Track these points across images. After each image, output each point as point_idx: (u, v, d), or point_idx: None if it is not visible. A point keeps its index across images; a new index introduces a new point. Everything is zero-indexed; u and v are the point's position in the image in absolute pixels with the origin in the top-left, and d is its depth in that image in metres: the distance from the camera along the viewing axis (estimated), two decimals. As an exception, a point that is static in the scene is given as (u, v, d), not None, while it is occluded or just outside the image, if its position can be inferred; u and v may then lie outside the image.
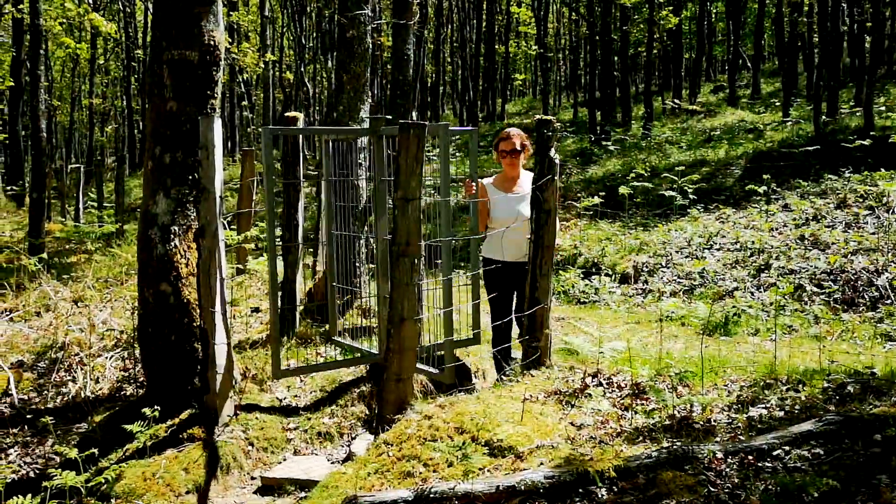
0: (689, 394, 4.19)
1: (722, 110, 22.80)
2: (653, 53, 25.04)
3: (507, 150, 5.32)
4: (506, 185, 5.41)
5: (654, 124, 21.14)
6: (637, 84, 37.13)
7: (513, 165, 5.35)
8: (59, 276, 8.40)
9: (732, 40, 26.48)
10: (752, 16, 33.13)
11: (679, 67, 27.50)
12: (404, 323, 4.46)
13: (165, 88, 4.72)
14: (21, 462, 4.52)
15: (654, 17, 22.32)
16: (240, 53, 18.24)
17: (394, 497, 3.32)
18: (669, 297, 7.93)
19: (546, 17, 36.58)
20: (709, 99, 26.76)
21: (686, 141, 17.76)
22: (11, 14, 16.70)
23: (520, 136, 5.35)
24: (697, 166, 13.81)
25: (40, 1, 13.89)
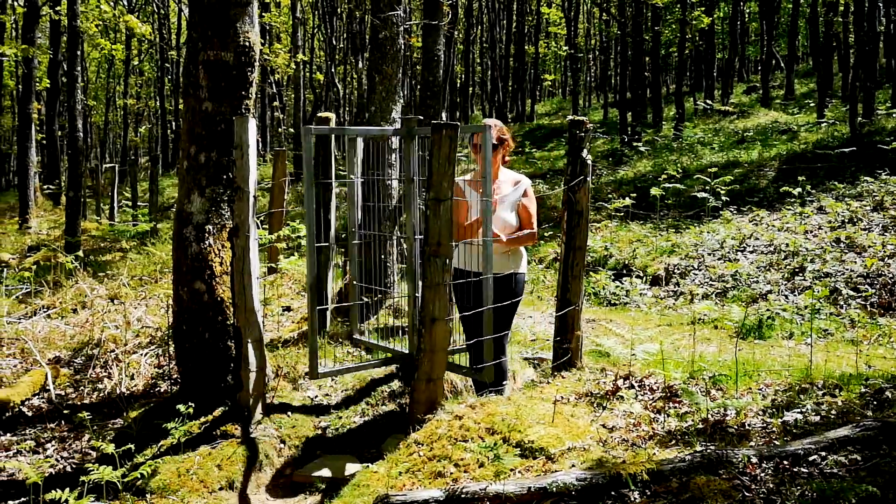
0: (723, 397, 4.15)
1: (755, 111, 22.54)
2: (684, 54, 24.82)
3: (482, 143, 4.62)
4: (477, 185, 4.75)
5: (685, 125, 20.96)
6: (668, 84, 36.84)
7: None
8: (94, 273, 8.54)
9: (766, 40, 26.17)
10: (786, 15, 32.71)
11: (711, 68, 27.24)
12: (435, 323, 4.47)
13: (201, 89, 4.78)
14: (58, 457, 4.60)
15: (687, 17, 22.13)
16: (271, 54, 18.41)
17: (425, 496, 3.33)
18: (702, 299, 7.86)
19: (576, 18, 36.45)
20: (741, 100, 26.47)
21: (718, 142, 17.58)
22: (49, 16, 16.99)
23: (497, 129, 4.72)
24: (730, 168, 13.66)
25: (78, 3, 14.12)
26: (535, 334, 6.67)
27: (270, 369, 5.26)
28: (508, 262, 4.78)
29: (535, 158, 21.50)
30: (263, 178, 12.81)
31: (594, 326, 6.82)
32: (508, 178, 4.87)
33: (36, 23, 17.68)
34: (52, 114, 19.18)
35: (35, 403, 5.32)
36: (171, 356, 5.74)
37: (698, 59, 30.16)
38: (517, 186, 4.81)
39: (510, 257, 4.79)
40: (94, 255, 11.68)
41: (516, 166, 19.70)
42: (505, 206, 4.74)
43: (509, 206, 4.74)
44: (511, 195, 4.77)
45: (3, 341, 6.32)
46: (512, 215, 4.72)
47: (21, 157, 18.95)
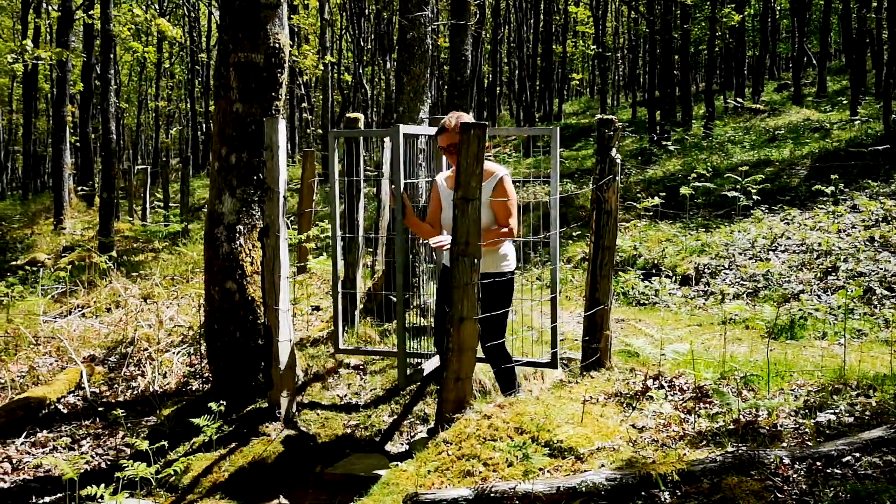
0: (755, 398, 4.11)
1: (786, 109, 22.26)
2: (714, 51, 24.60)
3: (443, 145, 4.49)
4: (453, 182, 4.48)
5: (715, 123, 20.75)
6: (698, 83, 36.50)
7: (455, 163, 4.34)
8: (128, 273, 8.67)
9: (797, 37, 25.84)
10: (817, 12, 32.25)
11: (742, 65, 26.94)
12: (464, 322, 4.48)
13: (232, 90, 4.83)
14: (93, 453, 4.67)
15: (716, 15, 21.92)
16: (300, 56, 18.55)
17: (454, 495, 3.34)
18: (733, 299, 7.78)
19: (604, 16, 36.25)
20: (773, 97, 26.16)
21: (749, 140, 17.39)
22: (83, 20, 17.26)
23: (457, 126, 4.39)
24: (761, 166, 13.51)
25: (111, 7, 14.33)
26: (564, 334, 6.65)
27: (300, 368, 5.31)
28: (485, 261, 4.42)
29: (563, 158, 21.42)
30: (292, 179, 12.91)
31: (623, 326, 6.79)
32: (486, 171, 4.44)
33: (70, 27, 17.97)
34: (85, 116, 19.47)
35: (71, 401, 5.41)
36: (202, 355, 5.81)
37: (728, 57, 29.86)
38: (490, 180, 4.44)
39: (487, 257, 4.45)
40: (127, 256, 11.85)
41: (545, 166, 19.65)
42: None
43: (484, 202, 4.37)
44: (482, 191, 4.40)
45: (39, 340, 6.45)
46: (483, 212, 4.30)
47: (55, 160, 19.27)
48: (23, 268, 10.15)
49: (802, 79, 26.11)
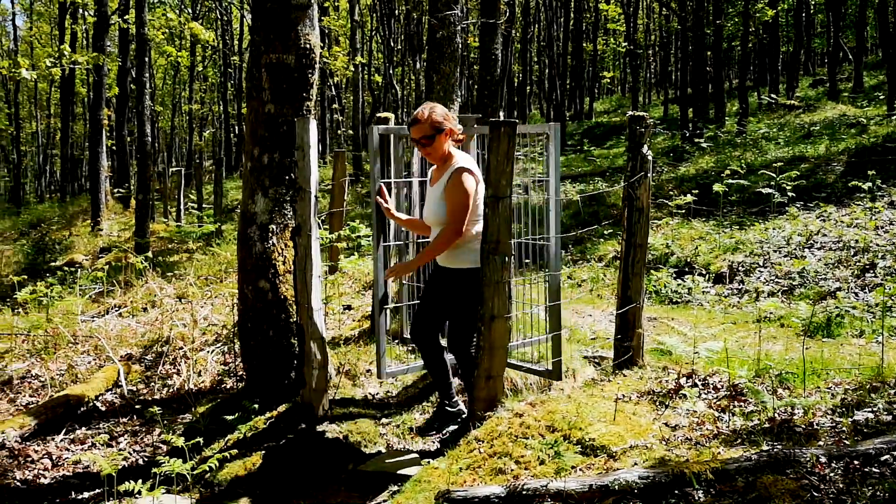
0: (790, 396, 4.06)
1: (822, 105, 21.91)
2: (747, 47, 24.29)
3: (416, 137, 4.29)
4: (434, 173, 4.50)
5: (749, 120, 20.50)
6: (731, 79, 36.08)
7: (427, 154, 4.36)
8: (163, 273, 8.80)
9: (832, 32, 25.42)
10: (853, 6, 31.68)
11: (775, 61, 26.57)
12: (495, 321, 4.48)
13: (264, 91, 4.88)
14: (131, 450, 4.76)
15: (750, 10, 21.64)
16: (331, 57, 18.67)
17: (486, 493, 3.34)
18: (767, 297, 7.68)
19: (635, 13, 36.00)
20: (807, 93, 25.76)
21: (784, 137, 17.15)
22: (118, 25, 17.55)
23: (429, 119, 4.24)
24: (796, 163, 13.31)
25: (145, 12, 14.55)
26: (595, 333, 6.62)
27: (332, 366, 5.34)
28: (453, 254, 4.35)
29: (593, 156, 21.31)
30: (323, 180, 13.00)
31: (655, 325, 6.73)
32: (450, 165, 4.34)
33: (106, 32, 18.27)
34: (121, 119, 19.80)
35: (108, 398, 5.51)
36: (236, 353, 5.88)
37: (762, 53, 29.48)
38: (447, 172, 4.30)
39: (453, 249, 4.35)
40: (162, 256, 12.02)
41: (575, 164, 19.57)
42: (435, 195, 4.34)
43: (438, 196, 4.30)
44: (439, 183, 4.32)
45: (78, 339, 6.56)
46: (442, 206, 4.26)
47: (92, 162, 19.60)
48: (61, 268, 10.34)
49: (838, 74, 25.67)
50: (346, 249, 9.22)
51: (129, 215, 19.48)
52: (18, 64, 11.29)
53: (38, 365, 6.07)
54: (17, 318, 7.33)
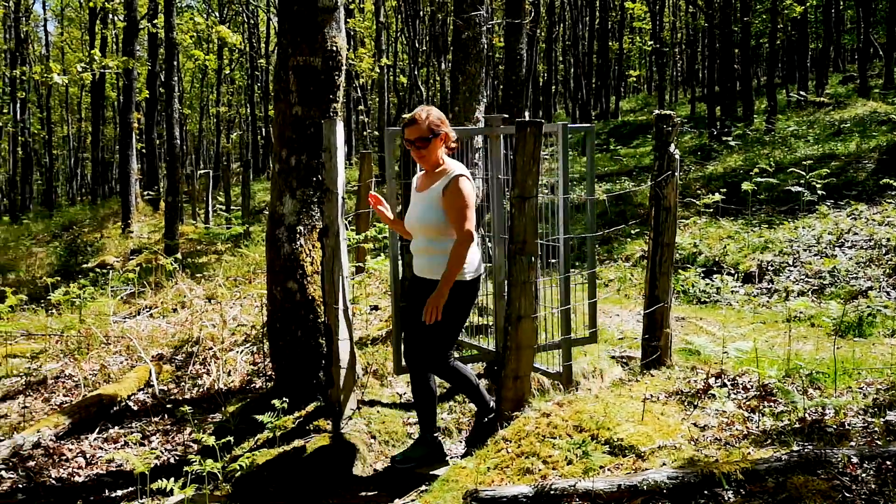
0: (821, 396, 4.02)
1: (852, 102, 21.60)
2: (776, 44, 24.01)
3: (411, 138, 4.12)
4: (423, 180, 4.32)
5: (777, 118, 20.26)
6: (759, 77, 35.68)
7: (420, 158, 4.19)
8: (192, 275, 8.90)
9: (862, 28, 25.02)
10: (883, 1, 31.19)
11: (804, 58, 26.24)
12: (522, 321, 4.49)
13: (291, 94, 4.93)
14: (163, 449, 4.82)
15: (778, 7, 21.39)
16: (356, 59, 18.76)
17: (514, 492, 3.35)
18: (797, 296, 7.60)
19: (661, 11, 35.72)
20: (837, 90, 25.40)
21: (813, 135, 16.93)
22: (147, 29, 17.78)
23: (427, 120, 4.12)
24: (826, 161, 13.14)
25: (174, 16, 14.72)
26: (623, 332, 6.59)
27: (360, 366, 5.38)
28: (439, 264, 4.15)
29: (620, 156, 21.20)
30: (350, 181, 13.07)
31: (683, 325, 6.69)
32: (444, 171, 4.22)
33: (135, 36, 18.53)
34: (150, 123, 20.04)
35: (140, 398, 5.59)
36: (265, 353, 5.94)
37: (790, 50, 29.11)
38: (444, 178, 4.16)
39: (440, 259, 4.15)
40: (191, 258, 12.16)
41: (601, 164, 19.48)
42: (426, 201, 4.17)
43: (429, 203, 4.14)
44: (433, 189, 4.16)
45: (110, 339, 6.67)
46: (433, 213, 4.11)
47: (123, 165, 19.89)
48: (93, 270, 10.51)
49: (868, 70, 25.26)
50: (372, 250, 9.27)
51: (159, 217, 19.73)
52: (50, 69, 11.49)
53: (72, 365, 6.18)
54: (51, 319, 7.47)
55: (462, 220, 4.07)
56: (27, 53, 31.58)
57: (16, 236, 20.20)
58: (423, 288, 4.25)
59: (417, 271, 4.32)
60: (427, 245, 4.21)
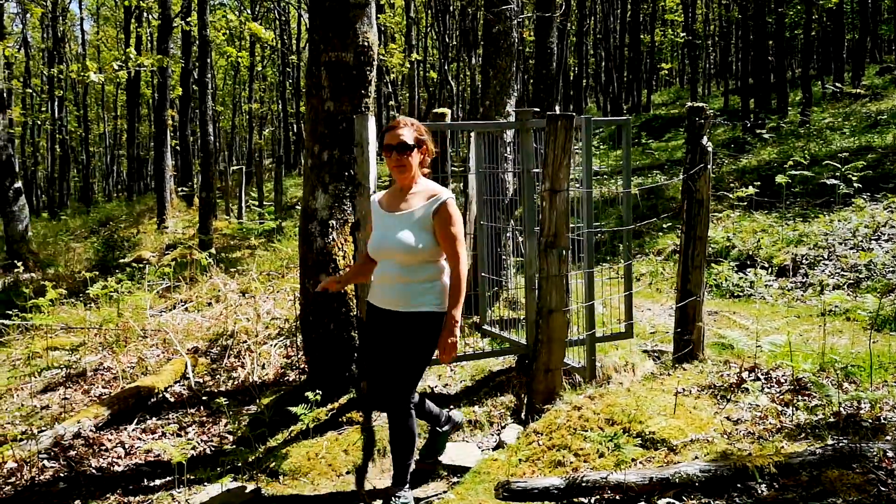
0: (856, 390, 3.98)
1: (889, 93, 21.20)
2: (811, 35, 23.61)
3: (393, 143, 3.65)
4: (392, 199, 3.79)
5: (813, 110, 19.95)
6: (793, 68, 35.14)
7: (401, 168, 3.68)
8: (226, 269, 9.01)
9: (902, 17, 24.51)
10: (924, -11, 30.54)
11: (840, 49, 25.78)
12: (553, 314, 4.50)
13: (323, 89, 4.97)
14: (199, 440, 4.90)
15: (813, -3, 21.05)
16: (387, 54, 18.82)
17: (545, 484, 3.37)
18: (832, 290, 7.50)
19: (694, 3, 35.28)
20: (874, 81, 24.92)
21: (849, 127, 16.65)
22: (180, 27, 18.00)
23: (414, 127, 3.73)
24: (862, 153, 12.91)
25: (207, 14, 14.88)
26: (655, 327, 6.56)
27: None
28: (413, 294, 3.68)
29: (651, 149, 21.02)
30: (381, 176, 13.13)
31: (716, 319, 6.64)
32: (424, 189, 3.75)
33: (169, 34, 18.77)
34: (184, 120, 20.30)
35: (177, 390, 5.69)
36: (298, 347, 6.01)
37: (826, 41, 28.62)
38: (431, 201, 3.67)
39: (416, 288, 3.68)
40: (225, 252, 12.31)
41: (633, 157, 19.32)
42: (407, 224, 3.65)
43: (415, 226, 3.64)
44: (418, 211, 3.66)
45: (147, 333, 6.79)
46: (420, 236, 3.61)
47: (157, 162, 20.16)
48: (130, 265, 10.69)
49: (907, 60, 24.77)
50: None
51: (193, 213, 19.98)
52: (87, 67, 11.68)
53: (110, 357, 6.30)
54: (90, 313, 7.62)
55: (460, 246, 3.67)
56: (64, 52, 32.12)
57: (54, 232, 20.58)
58: (389, 321, 3.73)
59: (383, 303, 3.75)
60: (401, 273, 3.65)
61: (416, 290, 3.66)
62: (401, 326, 3.69)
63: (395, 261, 3.65)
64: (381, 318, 3.77)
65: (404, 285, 3.66)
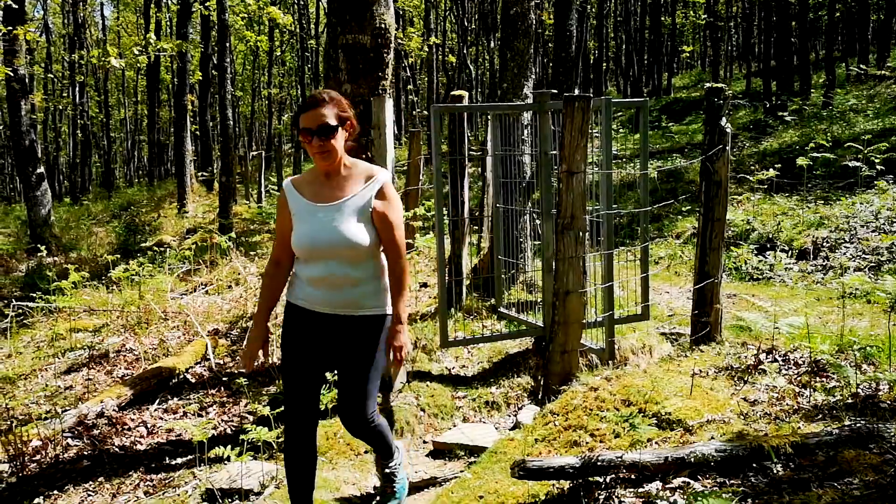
0: (875, 372, 3.96)
1: (916, 74, 20.87)
2: (835, 16, 23.27)
3: (313, 127, 3.02)
4: (318, 187, 3.14)
5: (836, 92, 19.69)
6: (817, 50, 34.67)
7: (324, 153, 3.05)
8: (246, 253, 9.09)
9: (929, -3, 24.10)
10: (952, -32, 29.93)
11: (865, 30, 25.39)
12: (569, 296, 4.50)
13: (340, 72, 4.99)
14: (219, 419, 4.97)
15: (838, -23, 20.71)
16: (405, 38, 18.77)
17: (561, 463, 3.38)
18: (854, 273, 7.44)
19: (716, -16, 34.86)
20: (900, 62, 24.55)
21: (873, 109, 16.43)
22: (199, 12, 18.05)
23: (334, 102, 3.09)
24: (886, 136, 12.75)
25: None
26: (673, 309, 6.55)
27: (409, 341, 5.45)
28: (364, 295, 3.16)
29: (672, 133, 20.87)
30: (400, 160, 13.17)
31: (735, 301, 6.62)
32: (356, 171, 3.18)
33: (188, 19, 18.82)
34: (204, 105, 20.39)
35: (197, 371, 5.77)
36: (317, 328, 6.05)
37: (850, 22, 28.20)
38: (370, 184, 3.13)
39: (367, 288, 3.17)
40: (244, 236, 12.39)
41: (653, 141, 19.20)
42: (349, 215, 3.07)
43: (354, 213, 3.07)
44: (357, 197, 3.10)
45: (168, 315, 6.87)
46: (359, 227, 3.05)
47: (178, 147, 20.29)
48: (151, 248, 10.81)
49: (934, 41, 24.37)
50: (421, 229, 9.33)
51: (213, 198, 20.12)
52: (108, 53, 11.76)
53: (132, 339, 6.39)
54: (112, 296, 7.72)
55: (403, 234, 3.22)
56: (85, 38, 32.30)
57: (77, 217, 20.81)
58: (333, 328, 3.17)
59: (327, 307, 3.14)
60: (349, 272, 3.09)
61: (367, 291, 3.15)
62: (350, 333, 3.16)
63: (340, 259, 3.05)
64: (319, 326, 3.16)
65: (353, 288, 3.11)
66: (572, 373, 4.57)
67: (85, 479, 4.24)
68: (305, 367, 3.21)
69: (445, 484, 4.02)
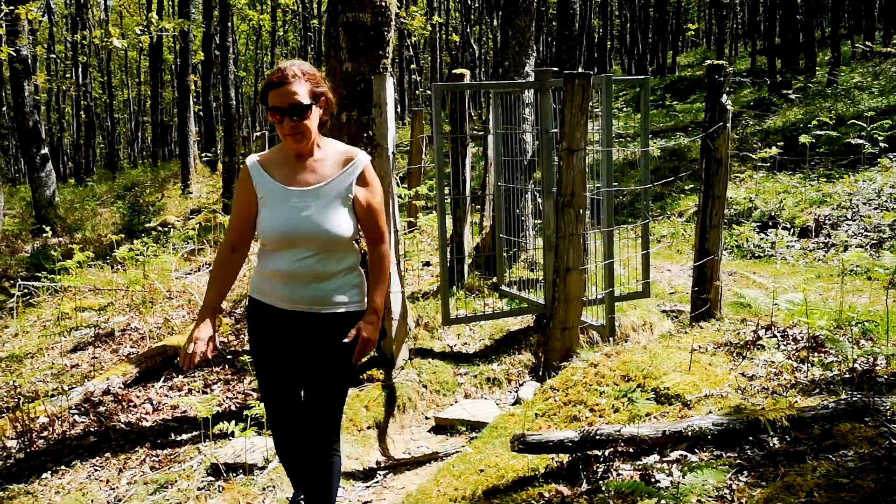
0: (872, 346, 3.99)
1: (922, 51, 20.72)
2: (842, -8, 23.07)
3: (283, 106, 2.68)
4: (289, 170, 2.80)
5: (841, 70, 19.56)
6: (823, 28, 34.40)
7: (297, 135, 2.72)
8: (249, 232, 9.12)
9: (936, -27, 23.85)
10: (961, -57, 29.61)
11: (872, 7, 25.21)
12: (570, 273, 4.54)
13: (341, 50, 4.99)
14: (224, 397, 5.03)
15: (844, -48, 20.51)
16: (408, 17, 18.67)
17: (560, 437, 3.43)
18: (855, 250, 7.45)
19: (721, -39, 34.53)
20: (907, 40, 24.35)
21: (878, 86, 16.34)
22: (201, -9, 18.00)
23: (307, 77, 2.74)
24: (891, 113, 12.69)
25: (227, -23, 14.85)
26: (674, 287, 6.58)
27: (412, 319, 5.49)
28: (335, 290, 2.84)
29: (676, 111, 20.79)
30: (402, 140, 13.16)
31: (735, 278, 6.64)
32: (332, 153, 2.86)
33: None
34: (206, 85, 20.34)
35: (202, 349, 5.81)
36: (320, 307, 6.09)
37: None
38: (348, 168, 2.82)
39: (338, 282, 2.85)
40: (248, 216, 12.39)
41: (656, 119, 19.14)
42: (327, 201, 2.76)
43: (332, 200, 2.77)
44: (335, 182, 2.79)
45: (172, 294, 6.92)
46: (339, 216, 2.76)
47: (181, 128, 20.29)
48: (155, 229, 10.86)
49: (942, 17, 24.13)
50: (424, 208, 9.35)
51: (216, 178, 20.14)
52: (110, 33, 11.75)
53: (137, 318, 6.45)
54: (117, 275, 7.77)
55: (384, 219, 2.96)
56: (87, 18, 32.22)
57: (81, 198, 20.86)
58: (299, 326, 2.84)
59: (292, 303, 2.81)
60: (319, 264, 2.78)
61: (338, 285, 2.84)
62: (318, 332, 2.84)
63: (314, 249, 2.75)
64: (285, 324, 2.84)
65: (324, 280, 2.80)
66: (573, 349, 4.61)
67: (92, 454, 4.30)
68: (278, 370, 2.92)
69: (447, 458, 4.07)
